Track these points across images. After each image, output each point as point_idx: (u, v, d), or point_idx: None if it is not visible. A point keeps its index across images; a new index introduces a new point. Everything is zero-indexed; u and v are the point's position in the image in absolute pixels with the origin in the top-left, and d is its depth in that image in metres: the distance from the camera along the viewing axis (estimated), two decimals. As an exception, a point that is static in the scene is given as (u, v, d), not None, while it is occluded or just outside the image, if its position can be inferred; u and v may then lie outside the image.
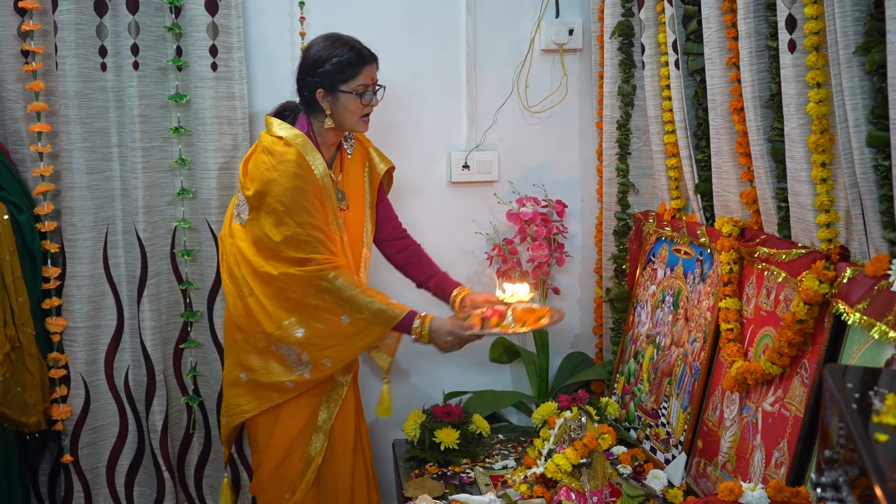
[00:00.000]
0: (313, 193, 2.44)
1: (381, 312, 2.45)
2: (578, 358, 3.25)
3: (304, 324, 2.47)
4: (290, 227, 2.41)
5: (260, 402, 2.55)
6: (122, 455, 2.99)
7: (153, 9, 2.84)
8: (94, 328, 2.91)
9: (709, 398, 2.34)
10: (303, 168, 2.43)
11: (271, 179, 2.41)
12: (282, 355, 2.50)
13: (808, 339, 1.94)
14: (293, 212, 2.40)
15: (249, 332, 2.51)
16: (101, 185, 2.87)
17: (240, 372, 2.55)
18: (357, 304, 2.44)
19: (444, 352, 2.55)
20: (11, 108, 2.79)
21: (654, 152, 2.79)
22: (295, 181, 2.41)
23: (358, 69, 2.47)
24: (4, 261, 2.63)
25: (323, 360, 2.49)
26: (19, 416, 2.72)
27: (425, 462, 2.70)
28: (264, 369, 2.52)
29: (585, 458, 2.19)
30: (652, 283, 2.76)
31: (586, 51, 3.15)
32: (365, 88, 2.48)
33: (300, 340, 2.46)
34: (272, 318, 2.47)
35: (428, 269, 2.79)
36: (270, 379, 2.52)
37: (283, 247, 2.43)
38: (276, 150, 2.44)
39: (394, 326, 2.48)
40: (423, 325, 2.48)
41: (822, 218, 1.92)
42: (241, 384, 2.56)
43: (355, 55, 2.47)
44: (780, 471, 1.93)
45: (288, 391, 2.53)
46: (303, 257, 2.42)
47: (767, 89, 2.11)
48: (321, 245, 2.44)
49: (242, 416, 2.57)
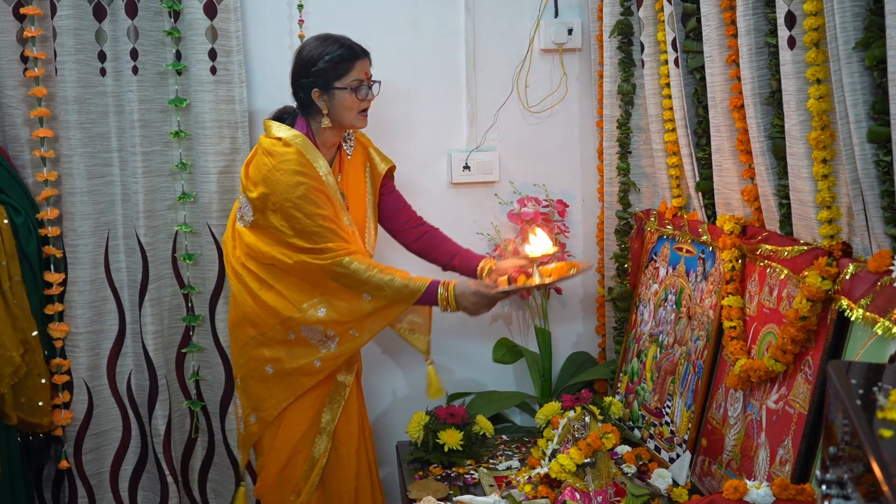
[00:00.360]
0: (318, 189, 2.45)
1: (403, 288, 2.45)
2: (581, 357, 3.24)
3: (325, 303, 2.47)
4: (300, 220, 2.42)
5: (293, 390, 2.55)
6: (125, 460, 3.00)
7: (152, 13, 2.84)
8: (96, 333, 2.91)
9: (712, 396, 2.34)
10: (304, 166, 2.44)
11: (275, 180, 2.42)
12: (304, 338, 2.50)
13: (812, 336, 1.93)
14: (300, 206, 2.41)
15: (266, 326, 2.51)
16: (102, 190, 2.88)
17: (264, 366, 2.54)
18: (376, 283, 2.44)
19: (474, 314, 2.53)
20: (11, 114, 2.80)
21: (654, 151, 2.79)
22: (298, 178, 2.42)
23: (350, 64, 2.47)
24: (1, 266, 2.63)
25: (350, 331, 2.49)
26: (31, 417, 2.73)
27: (429, 464, 2.70)
28: (289, 355, 2.52)
29: (589, 457, 2.18)
30: (654, 281, 2.76)
31: (586, 50, 3.15)
32: (359, 83, 2.49)
33: (322, 319, 2.47)
34: (292, 303, 2.48)
35: (450, 248, 2.76)
36: (298, 363, 2.51)
37: (295, 239, 2.44)
38: (276, 151, 2.44)
39: (417, 300, 2.47)
40: (448, 291, 2.46)
41: (824, 214, 1.92)
42: (269, 377, 2.55)
43: (346, 51, 2.48)
44: (785, 468, 1.93)
45: (317, 371, 2.53)
46: (316, 247, 2.43)
47: (767, 86, 2.11)
48: (332, 234, 2.44)
49: (279, 406, 2.55)
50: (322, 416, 2.59)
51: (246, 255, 2.52)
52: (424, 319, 2.57)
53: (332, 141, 2.58)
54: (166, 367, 2.98)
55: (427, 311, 2.56)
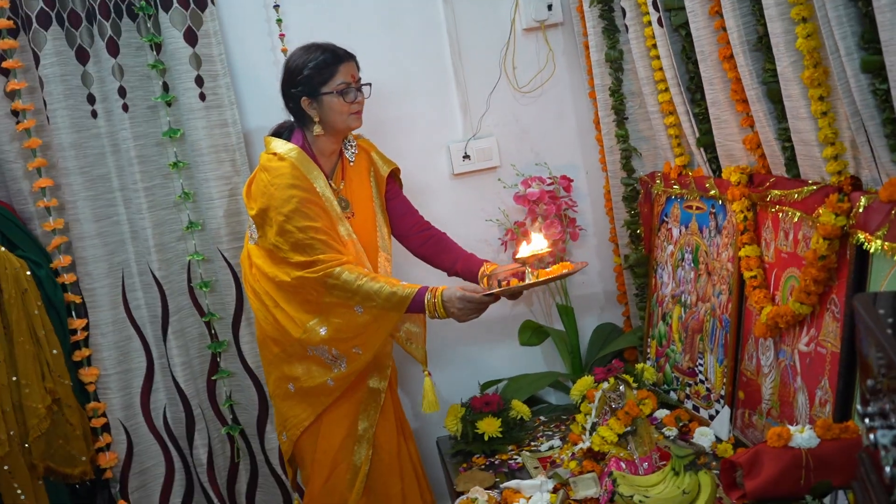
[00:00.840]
0: (312, 201, 2.46)
1: (391, 296, 2.44)
2: (607, 329, 3.25)
3: (325, 322, 2.49)
4: (293, 234, 2.43)
5: (314, 409, 2.58)
6: (172, 493, 3.01)
7: (134, 49, 2.86)
8: (125, 373, 2.93)
9: (743, 348, 2.33)
10: (297, 178, 2.45)
11: (269, 194, 2.44)
12: (317, 356, 2.53)
13: (833, 274, 1.93)
14: (292, 219, 2.43)
15: (286, 343, 2.54)
16: (110, 231, 2.89)
17: (287, 384, 2.58)
18: (366, 292, 2.43)
19: (462, 321, 2.49)
20: (11, 169, 2.81)
21: (650, 113, 2.79)
22: (291, 191, 2.43)
23: (335, 68, 2.49)
24: (34, 315, 2.66)
25: (353, 350, 2.51)
26: (64, 468, 2.74)
27: (471, 454, 2.71)
28: (307, 374, 2.55)
29: (629, 426, 2.19)
30: (669, 243, 2.75)
31: (568, 23, 3.14)
32: (346, 86, 2.50)
33: (324, 338, 2.48)
34: (297, 323, 2.50)
35: (453, 253, 2.75)
36: (314, 382, 2.54)
37: (290, 254, 2.45)
38: (271, 166, 2.47)
39: (408, 307, 2.45)
40: (436, 298, 2.44)
41: (829, 151, 1.91)
42: (291, 395, 2.59)
43: (330, 55, 2.49)
44: (826, 409, 1.92)
45: (331, 391, 2.55)
46: (309, 260, 2.45)
47: (754, 32, 2.10)
48: (324, 245, 2.46)
49: (301, 425, 2.59)
50: (359, 423, 2.60)
51: (259, 275, 2.55)
52: (419, 329, 2.59)
53: (330, 149, 2.59)
54: (199, 397, 2.99)
55: (422, 319, 2.57)
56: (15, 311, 2.62)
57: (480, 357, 3.20)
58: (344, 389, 2.57)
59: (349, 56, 2.53)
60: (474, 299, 2.44)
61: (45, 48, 2.72)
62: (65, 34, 2.76)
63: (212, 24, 2.84)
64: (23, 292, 2.65)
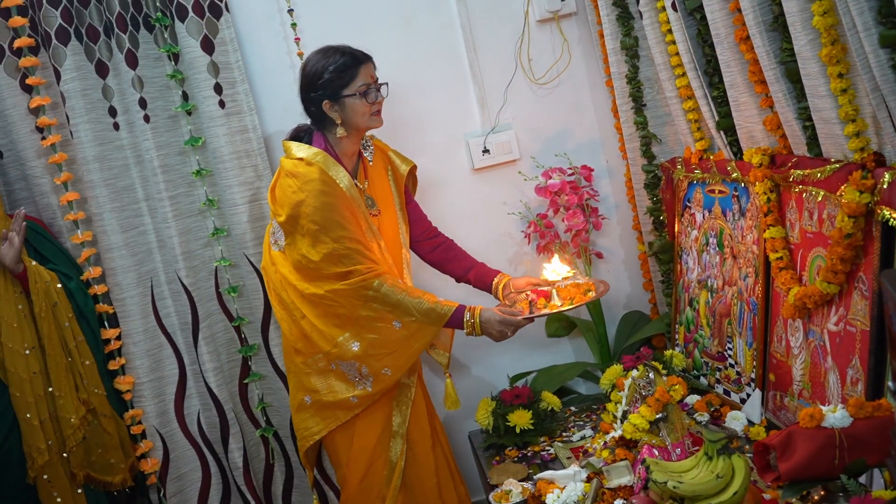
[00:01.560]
0: (343, 206, 2.47)
1: (430, 311, 2.47)
2: (635, 317, 3.24)
3: (357, 337, 2.49)
4: (328, 244, 2.44)
5: (328, 423, 2.59)
6: (209, 498, 3.04)
7: (152, 60, 2.88)
8: (158, 380, 2.96)
9: (772, 330, 2.32)
10: (328, 184, 2.46)
11: (300, 201, 2.45)
12: (342, 372, 2.53)
13: (860, 252, 1.91)
14: (327, 228, 2.43)
15: (308, 354, 2.55)
16: (137, 241, 2.92)
17: (304, 395, 2.59)
18: (406, 307, 2.46)
19: (498, 341, 2.56)
20: (39, 184, 2.85)
21: (668, 99, 2.77)
22: (323, 198, 2.44)
23: (355, 70, 2.50)
24: (65, 328, 2.71)
25: (383, 371, 2.51)
26: (104, 476, 2.79)
27: (504, 447, 2.71)
28: (327, 389, 2.56)
29: (660, 412, 2.18)
30: (692, 228, 2.74)
31: (581, 13, 3.13)
32: (367, 87, 2.52)
33: (357, 354, 2.49)
34: (326, 337, 2.50)
35: (464, 261, 2.80)
36: (335, 398, 2.55)
37: (323, 264, 2.46)
38: (300, 172, 2.47)
39: (445, 323, 2.49)
40: (474, 317, 2.49)
41: (850, 128, 1.89)
42: (306, 407, 2.60)
43: (349, 58, 2.51)
44: (857, 388, 1.91)
45: (353, 407, 2.56)
46: (345, 271, 2.45)
47: (769, 12, 2.08)
48: (360, 255, 2.46)
49: (311, 438, 2.61)
50: (392, 419, 2.61)
51: (285, 283, 2.56)
52: (447, 338, 2.63)
53: (351, 150, 2.60)
54: (232, 401, 3.02)
55: (451, 330, 2.60)
56: (46, 324, 2.67)
57: (509, 350, 3.21)
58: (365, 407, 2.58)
59: (367, 57, 2.55)
60: (513, 322, 2.50)
61: (65, 64, 2.75)
62: (84, 49, 2.80)
63: (227, 31, 2.86)
64: (53, 305, 2.69)
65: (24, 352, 2.64)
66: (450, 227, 3.02)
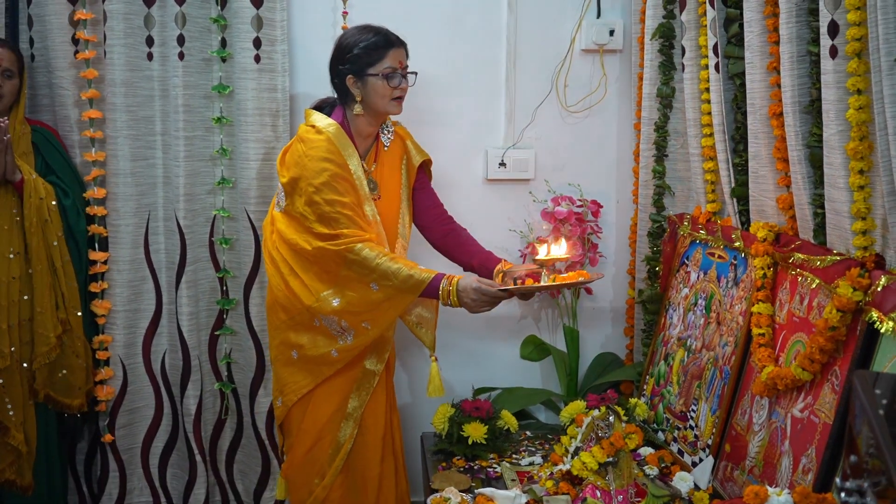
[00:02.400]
0: (342, 177, 2.50)
1: (408, 278, 2.47)
2: (609, 358, 3.25)
3: (339, 293, 2.51)
4: (320, 206, 2.47)
5: (313, 377, 2.60)
6: (156, 437, 3.05)
7: (200, 0, 2.89)
8: (133, 312, 2.96)
9: (738, 402, 2.33)
10: (332, 153, 2.49)
11: (303, 164, 2.48)
12: (325, 327, 2.56)
13: (840, 347, 1.92)
14: (322, 191, 2.46)
15: (294, 311, 2.57)
16: (144, 173, 2.93)
17: (290, 350, 2.61)
18: (383, 271, 2.46)
19: (474, 311, 2.51)
20: (62, 95, 2.86)
21: (691, 155, 2.78)
22: (323, 164, 2.47)
23: (384, 51, 2.51)
24: (53, 246, 2.71)
25: (363, 324, 2.54)
26: (64, 398, 2.79)
27: (453, 455, 2.72)
28: (312, 343, 2.57)
29: (612, 456, 2.19)
30: (685, 285, 2.75)
31: (626, 52, 3.14)
32: (392, 71, 2.52)
33: (336, 309, 2.51)
34: (311, 291, 2.52)
35: (471, 248, 2.77)
36: (318, 351, 2.57)
37: (315, 224, 2.49)
38: (308, 138, 2.51)
39: (422, 291, 2.48)
40: (451, 286, 2.47)
41: (859, 225, 1.91)
42: (293, 362, 2.61)
43: (381, 38, 2.52)
44: (808, 477, 1.92)
45: (335, 361, 2.58)
46: (332, 233, 2.48)
47: (807, 94, 2.09)
48: (349, 220, 2.49)
49: (300, 392, 2.61)
50: (349, 401, 2.62)
51: (279, 240, 2.58)
52: (431, 314, 2.61)
53: (367, 130, 2.61)
54: (199, 349, 3.03)
55: (434, 305, 2.60)
56: (35, 239, 2.68)
57: (479, 361, 3.21)
58: (346, 362, 2.59)
59: (400, 42, 2.56)
60: (489, 292, 2.47)
61: (114, -17, 2.76)
62: (136, -27, 2.81)
63: (280, -11, 2.87)
64: (44, 222, 2.69)
65: (8, 255, 2.65)
66: (450, 229, 3.04)
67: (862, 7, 1.79)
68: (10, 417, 2.68)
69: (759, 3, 2.24)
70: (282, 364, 2.65)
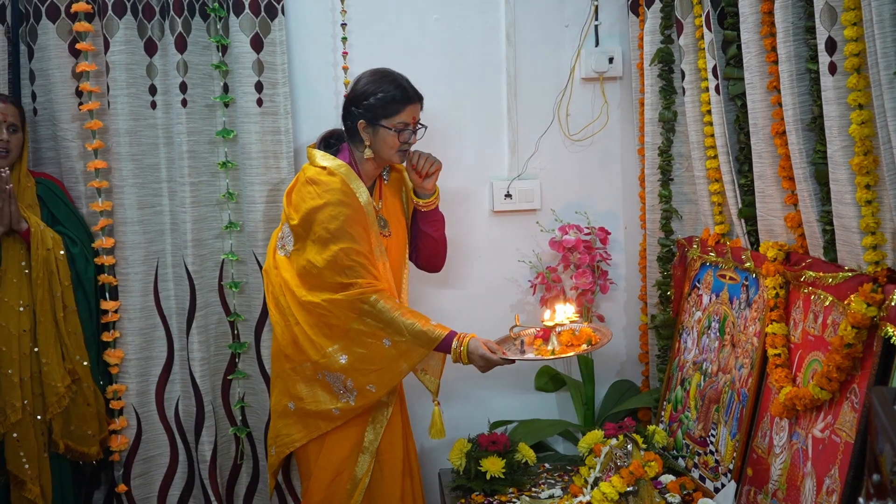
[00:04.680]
0: (358, 220, 2.49)
1: (421, 334, 2.46)
2: (625, 386, 3.22)
3: (346, 350, 2.49)
4: (334, 253, 2.45)
5: (308, 431, 2.57)
6: (172, 485, 3.03)
7: (200, 47, 2.92)
8: (145, 360, 2.96)
9: (758, 425, 2.30)
10: (348, 195, 2.48)
11: (317, 207, 2.46)
12: (328, 383, 2.52)
13: (857, 364, 1.90)
14: (337, 238, 2.45)
15: (297, 361, 2.54)
16: (152, 220, 2.94)
17: (288, 401, 2.58)
18: (398, 326, 2.46)
19: (483, 372, 2.54)
20: (67, 147, 2.88)
21: (696, 178, 2.78)
22: (341, 208, 2.46)
23: (401, 107, 2.52)
24: (56, 296, 2.71)
25: (367, 386, 2.50)
26: (80, 447, 2.78)
27: (471, 491, 2.69)
28: (312, 397, 2.54)
29: (632, 486, 2.17)
30: (697, 309, 2.73)
31: (626, 78, 3.15)
32: (405, 126, 2.54)
33: (344, 367, 2.49)
34: (316, 346, 2.50)
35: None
36: (318, 407, 2.54)
37: (326, 272, 2.47)
38: (321, 180, 2.49)
39: (435, 347, 2.48)
40: (462, 345, 2.48)
41: (868, 240, 1.89)
42: (289, 413, 2.59)
43: (400, 93, 2.53)
44: (832, 498, 1.89)
45: (335, 419, 2.55)
46: (346, 282, 2.46)
47: (809, 112, 2.09)
48: (363, 270, 2.47)
49: (292, 445, 2.59)
50: (365, 435, 2.60)
51: (285, 287, 2.56)
52: (438, 364, 2.59)
53: (372, 173, 2.63)
54: (213, 394, 3.01)
55: (442, 356, 2.57)
56: (40, 290, 2.69)
57: (494, 395, 3.19)
58: (346, 420, 2.56)
59: (418, 97, 2.57)
60: (490, 359, 2.48)
61: (115, 35, 2.80)
62: (137, 25, 2.84)
63: (279, 33, 2.90)
64: (50, 273, 2.70)
65: (18, 308, 2.66)
66: (459, 262, 3.04)
67: (858, 23, 1.80)
68: (25, 471, 2.67)
69: (755, 24, 2.25)
70: (278, 414, 2.62)
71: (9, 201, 2.62)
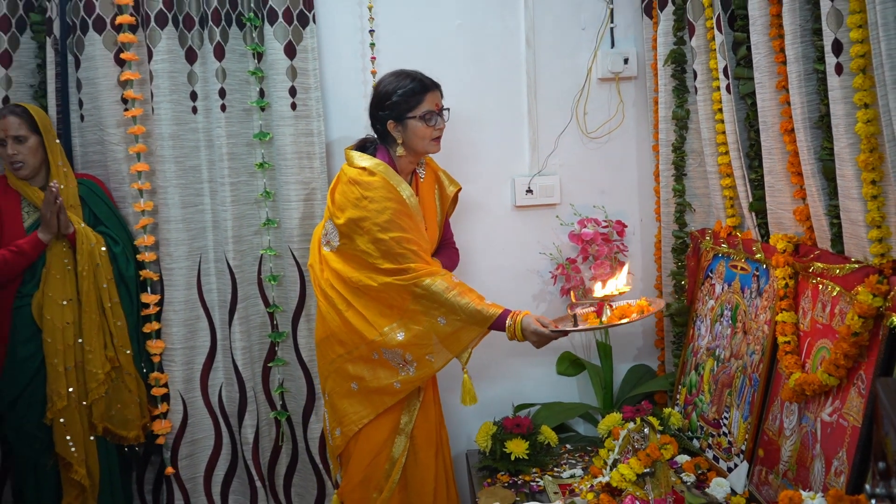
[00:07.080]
0: (404, 213, 2.50)
1: (476, 313, 2.47)
2: (642, 370, 3.21)
3: (403, 327, 2.51)
4: (386, 243, 2.47)
5: (374, 407, 2.59)
6: (217, 466, 3.07)
7: (238, 55, 2.94)
8: (190, 349, 3.00)
9: (768, 408, 2.29)
10: (390, 191, 2.49)
11: (363, 206, 2.48)
12: (385, 360, 2.54)
13: (864, 351, 1.89)
14: (387, 230, 2.47)
15: (352, 345, 2.56)
16: (194, 218, 2.97)
17: (350, 383, 2.59)
18: (452, 306, 2.46)
19: (538, 347, 2.51)
20: (113, 151, 2.91)
21: (709, 173, 2.76)
22: (385, 203, 2.48)
23: (421, 96, 2.54)
24: (102, 289, 2.77)
25: (427, 356, 2.52)
26: (120, 430, 2.83)
27: (497, 471, 2.70)
28: (372, 376, 2.56)
29: (649, 467, 2.17)
30: (710, 297, 2.72)
31: (641, 78, 3.14)
32: (430, 113, 2.55)
33: (401, 343, 2.50)
34: (374, 326, 2.52)
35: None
36: (379, 383, 2.55)
37: (380, 261, 2.49)
38: (363, 180, 2.50)
39: (489, 325, 2.49)
40: (515, 323, 2.47)
41: (875, 233, 1.88)
42: (353, 394, 2.60)
43: (418, 84, 2.54)
44: (840, 479, 1.88)
45: (397, 392, 2.57)
46: (399, 267, 2.48)
47: (816, 111, 2.07)
48: (415, 255, 2.49)
49: (360, 422, 2.59)
50: (401, 418, 2.61)
51: (334, 278, 2.57)
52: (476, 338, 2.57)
53: (408, 168, 2.63)
54: (254, 380, 3.05)
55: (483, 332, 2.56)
56: (86, 282, 2.74)
57: (518, 380, 3.20)
58: (408, 392, 2.58)
59: (435, 85, 2.58)
60: (542, 334, 2.46)
61: (158, 45, 2.83)
62: (178, 35, 2.87)
63: (311, 40, 2.91)
64: (95, 266, 2.75)
65: (62, 303, 2.72)
66: (482, 256, 3.04)
67: (863, 25, 1.78)
68: (72, 454, 2.73)
69: (764, 26, 2.23)
70: (340, 396, 2.61)
71: (59, 211, 2.67)
